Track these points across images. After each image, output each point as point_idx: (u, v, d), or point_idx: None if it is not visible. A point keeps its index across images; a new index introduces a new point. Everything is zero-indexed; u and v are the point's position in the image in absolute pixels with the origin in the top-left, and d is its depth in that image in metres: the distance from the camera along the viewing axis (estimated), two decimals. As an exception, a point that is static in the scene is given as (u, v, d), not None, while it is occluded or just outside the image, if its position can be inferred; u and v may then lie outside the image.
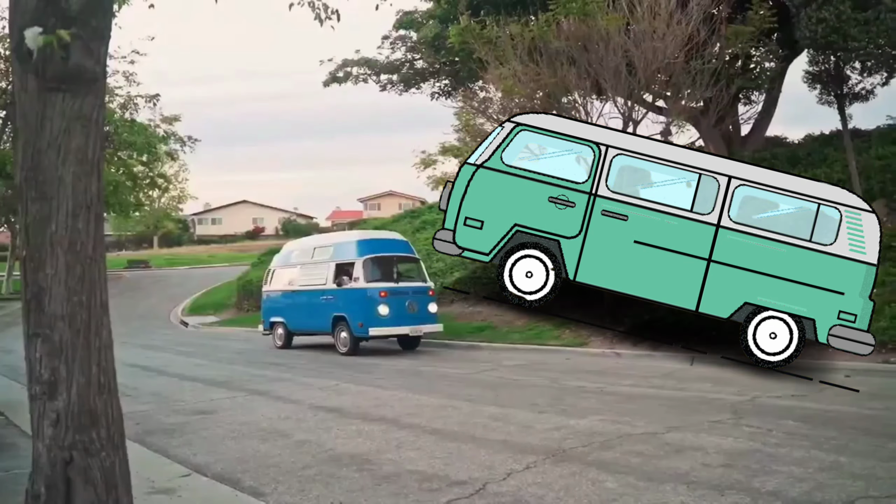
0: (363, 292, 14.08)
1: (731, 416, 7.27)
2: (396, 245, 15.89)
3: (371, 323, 13.89)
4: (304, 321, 16.06)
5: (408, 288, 14.69)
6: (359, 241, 15.20)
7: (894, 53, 13.76)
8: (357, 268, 14.33)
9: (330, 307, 14.80)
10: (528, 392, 9.50)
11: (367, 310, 13.94)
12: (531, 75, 13.34)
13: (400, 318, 14.13)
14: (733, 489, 4.82)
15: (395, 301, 14.08)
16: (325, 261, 15.43)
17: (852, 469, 5.20)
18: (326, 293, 14.97)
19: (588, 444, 6.26)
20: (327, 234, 19.33)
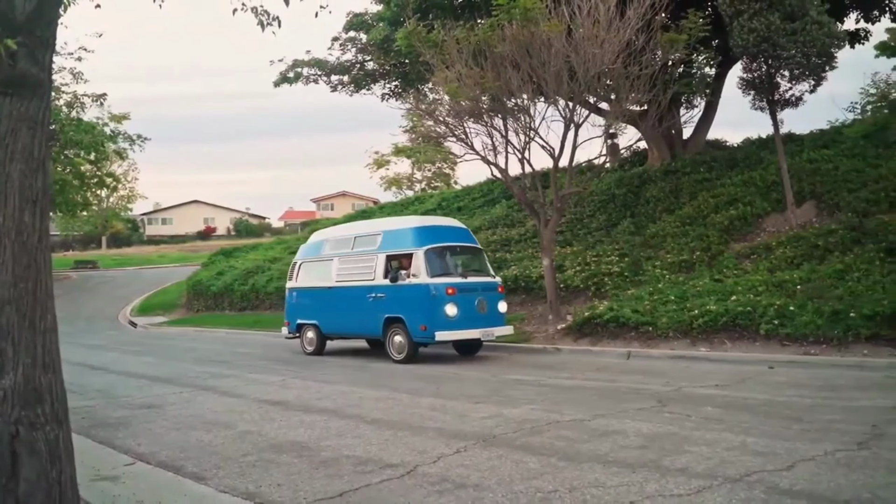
0: (426, 289, 12.10)
1: (655, 404, 7.70)
2: (457, 233, 13.72)
3: (437, 325, 11.89)
4: (343, 323, 13.83)
5: (477, 284, 12.67)
6: (417, 229, 13.03)
7: (820, 62, 14.40)
8: (417, 260, 12.33)
9: (380, 307, 12.76)
10: (467, 385, 9.85)
11: (431, 310, 11.97)
12: (475, 78, 13.67)
13: (469, 320, 12.16)
14: (645, 467, 5.21)
15: (463, 299, 12.15)
16: (372, 252, 13.30)
17: (755, 447, 5.62)
18: (375, 290, 12.91)
19: (518, 431, 6.62)
20: (371, 221, 16.41)
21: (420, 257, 12.29)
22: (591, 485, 4.83)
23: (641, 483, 4.81)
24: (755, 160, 19.41)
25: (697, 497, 4.49)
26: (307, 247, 15.73)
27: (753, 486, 4.64)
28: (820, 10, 14.59)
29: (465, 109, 14.86)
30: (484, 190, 27.10)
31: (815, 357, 10.50)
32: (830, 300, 11.60)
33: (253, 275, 26.55)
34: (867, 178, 15.72)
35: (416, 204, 30.32)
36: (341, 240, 14.64)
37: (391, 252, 13.01)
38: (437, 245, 12.67)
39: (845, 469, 4.97)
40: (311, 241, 15.78)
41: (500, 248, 20.05)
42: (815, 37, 14.10)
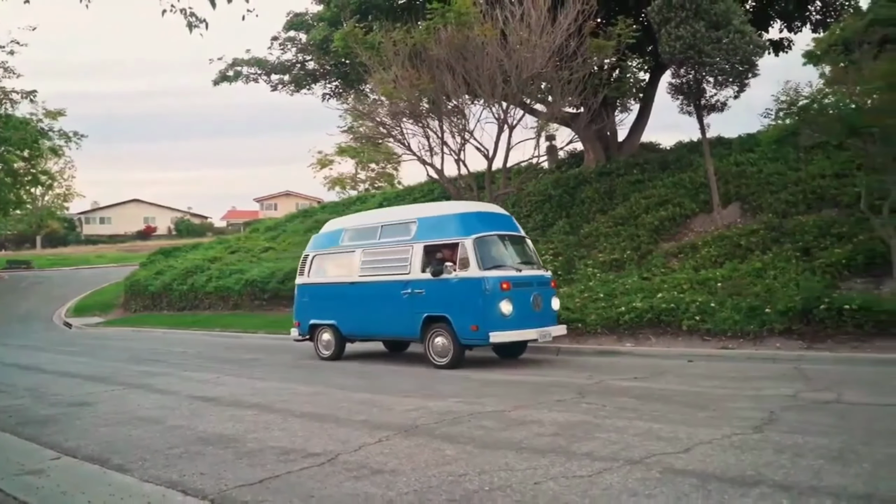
0: (478, 284, 10.63)
1: (575, 396, 8.04)
2: (503, 220, 12.26)
3: (491, 325, 10.50)
4: (369, 323, 12.28)
5: (531, 278, 11.32)
6: (462, 216, 11.56)
7: (742, 70, 15.00)
8: (465, 251, 10.85)
9: (418, 305, 11.26)
10: (399, 380, 10.10)
11: (484, 308, 10.57)
12: (411, 80, 13.92)
13: (525, 318, 10.78)
14: (554, 452, 5.51)
15: (518, 295, 10.78)
16: (405, 242, 11.74)
17: (660, 433, 5.97)
18: (411, 286, 11.36)
19: (439, 421, 6.87)
20: (401, 207, 14.28)
21: (469, 247, 10.82)
22: (501, 468, 5.10)
23: (548, 466, 5.11)
24: (686, 163, 20.05)
25: (597, 477, 4.79)
26: (321, 237, 13.89)
27: (651, 467, 4.97)
28: (743, 21, 15.22)
29: (402, 110, 15.10)
30: (425, 190, 27.34)
31: (732, 350, 11.02)
32: (748, 297, 12.18)
33: (192, 274, 26.32)
34: (788, 181, 16.40)
35: (358, 203, 30.41)
36: (365, 229, 12.87)
37: (430, 242, 11.42)
38: (486, 233, 11.23)
39: (737, 451, 5.34)
40: (326, 231, 13.89)
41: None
42: (738, 45, 14.69)
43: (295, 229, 29.46)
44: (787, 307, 11.33)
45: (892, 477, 4.58)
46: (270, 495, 4.78)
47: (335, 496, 4.69)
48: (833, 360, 9.98)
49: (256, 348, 15.86)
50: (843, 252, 12.77)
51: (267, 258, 25.94)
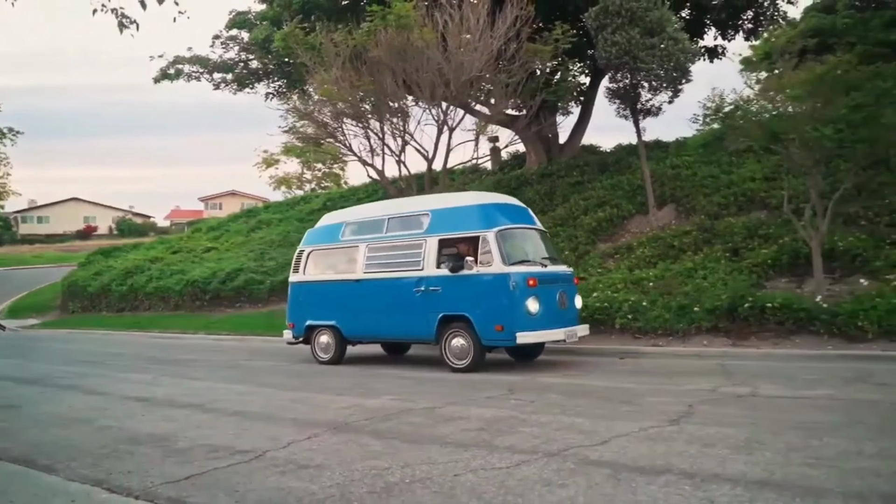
0: (502, 281, 9.88)
1: (504, 392, 8.25)
2: (522, 213, 11.50)
3: (517, 325, 9.74)
4: (375, 324, 11.38)
5: (557, 274, 10.68)
6: (482, 207, 10.81)
7: (676, 75, 15.44)
8: (488, 245, 10.08)
9: (433, 303, 10.46)
10: (335, 379, 10.18)
11: (509, 306, 9.82)
12: (351, 81, 14.00)
13: (551, 318, 10.10)
14: (477, 446, 5.68)
15: (545, 293, 10.07)
16: (417, 236, 10.94)
17: (582, 427, 6.20)
18: (426, 282, 10.56)
19: (370, 418, 7.01)
20: (410, 199, 13.10)
21: (492, 241, 10.06)
22: (424, 462, 5.25)
23: (469, 459, 5.28)
24: (624, 165, 20.53)
25: (515, 469, 4.98)
26: (318, 231, 12.89)
27: (567, 459, 5.18)
28: (676, 28, 15.68)
29: (344, 111, 15.18)
30: (369, 190, 27.40)
31: (661, 348, 11.38)
32: (679, 296, 12.56)
33: (132, 275, 25.88)
34: (720, 184, 16.92)
35: (302, 203, 30.33)
36: (369, 222, 11.98)
37: (446, 235, 10.66)
38: (509, 226, 10.53)
39: (651, 442, 5.58)
40: (324, 224, 12.90)
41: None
42: (672, 52, 15.14)
43: (238, 229, 29.22)
44: (714, 306, 11.75)
45: (788, 464, 4.85)
46: (196, 491, 4.86)
47: (259, 490, 4.79)
48: (755, 356, 10.40)
49: (195, 349, 15.76)
50: (769, 252, 13.27)
51: (209, 258, 25.68)
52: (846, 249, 12.60)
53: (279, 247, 24.35)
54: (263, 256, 23.33)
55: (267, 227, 27.97)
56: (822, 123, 10.66)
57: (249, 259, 23.32)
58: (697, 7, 20.51)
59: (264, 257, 23.15)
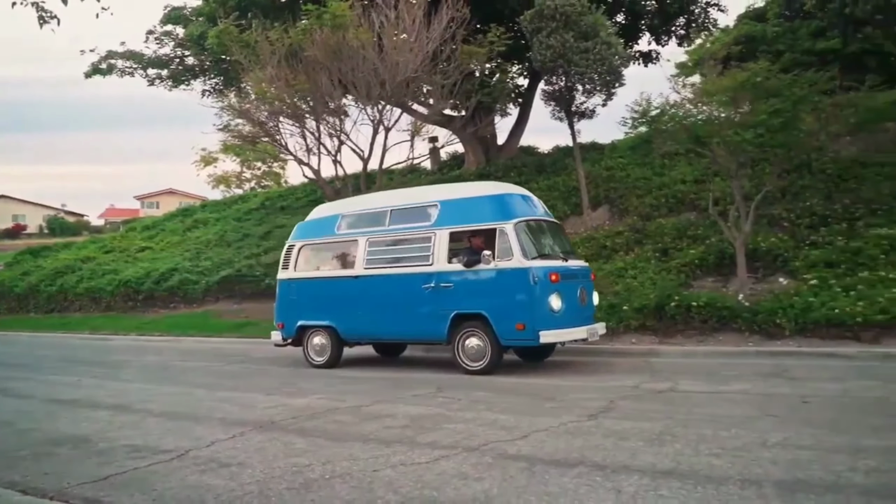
0: (523, 276, 9.24)
1: (433, 391, 8.35)
2: (535, 204, 10.83)
3: (540, 323, 9.15)
4: (378, 324, 10.58)
5: (576, 269, 10.12)
6: (497, 198, 10.09)
7: (610, 79, 15.76)
8: (506, 238, 9.41)
9: (445, 301, 9.78)
10: (266, 379, 10.18)
11: (531, 303, 9.20)
12: (286, 80, 13.94)
13: (573, 315, 9.58)
14: (400, 443, 5.76)
15: (566, 289, 9.51)
16: (425, 228, 10.21)
17: (505, 423, 6.32)
18: (436, 278, 9.84)
19: (297, 417, 7.03)
20: (413, 190, 12.32)
21: (511, 234, 9.41)
22: (345, 459, 5.31)
23: (390, 455, 5.35)
24: (561, 166, 20.81)
25: (434, 464, 5.07)
26: (310, 224, 12.00)
27: (485, 454, 5.29)
28: (610, 33, 16.00)
29: (279, 110, 15.10)
30: (307, 190, 27.20)
31: (591, 346, 11.58)
32: (609, 295, 12.83)
33: (62, 275, 25.23)
34: (652, 185, 17.32)
35: (240, 203, 29.97)
36: (368, 214, 11.15)
37: (458, 228, 10.01)
38: (527, 218, 9.93)
39: (569, 436, 5.74)
40: (317, 217, 12.04)
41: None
42: (605, 56, 15.45)
43: (174, 228, 28.73)
44: (643, 305, 12.04)
45: (696, 454, 5.04)
46: (113, 490, 4.83)
47: (177, 488, 4.78)
48: (679, 354, 10.71)
49: (126, 350, 15.48)
50: (697, 253, 13.65)
51: (143, 258, 25.20)
52: (769, 250, 13.03)
53: (216, 246, 24.06)
54: (199, 256, 23.03)
55: (204, 226, 27.58)
56: (743, 128, 11.04)
57: (185, 259, 22.98)
58: (632, 13, 20.97)
59: (200, 257, 22.86)
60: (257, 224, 25.29)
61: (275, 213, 26.00)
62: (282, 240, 21.65)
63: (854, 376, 8.31)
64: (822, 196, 14.43)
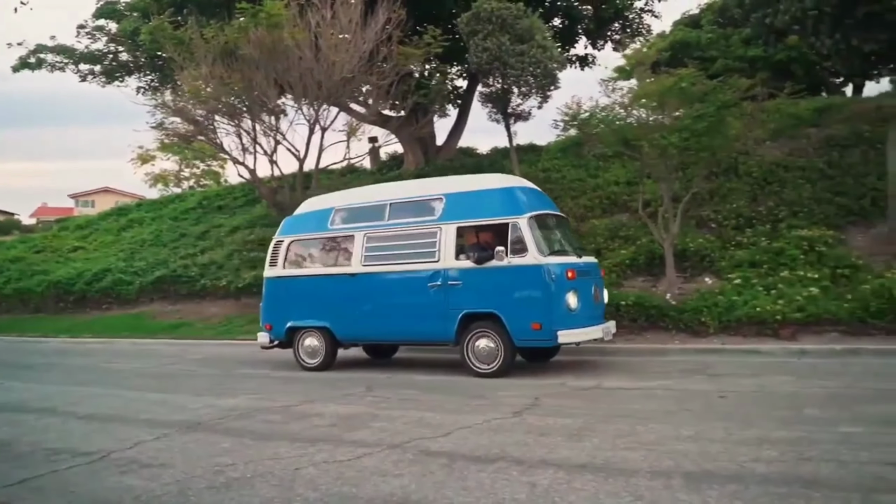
0: (540, 272, 8.78)
1: (363, 390, 8.42)
2: (545, 198, 10.46)
3: (558, 322, 8.72)
4: (378, 324, 9.92)
5: (589, 266, 9.77)
6: (509, 190, 9.57)
7: (545, 82, 15.99)
8: (520, 233, 8.92)
9: (453, 299, 9.23)
10: (197, 381, 10.07)
11: (549, 302, 8.76)
12: (221, 78, 13.82)
13: (589, 314, 9.25)
14: (325, 441, 5.82)
15: (582, 286, 9.15)
16: (430, 223, 9.64)
17: (430, 421, 6.43)
18: (443, 276, 9.30)
19: (225, 417, 7.02)
20: (415, 182, 11.87)
21: (524, 228, 8.92)
22: (269, 458, 5.34)
23: (314, 454, 5.40)
24: (498, 168, 20.94)
25: (356, 461, 5.14)
26: (299, 219, 11.26)
27: (407, 451, 5.38)
28: (545, 36, 16.22)
29: (214, 108, 14.95)
30: (246, 189, 26.89)
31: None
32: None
33: (-13, 276, 24.51)
34: (587, 187, 17.63)
35: (177, 202, 29.44)
36: (366, 208, 10.51)
37: (466, 222, 9.49)
38: (540, 212, 9.47)
39: (492, 433, 5.86)
40: (307, 211, 11.26)
41: (257, 247, 20.14)
42: (540, 59, 15.65)
43: (108, 228, 28.08)
44: (574, 304, 12.26)
45: (612, 448, 5.22)
46: (29, 493, 4.79)
47: (95, 490, 4.76)
48: (609, 352, 10.94)
49: (55, 353, 15.13)
50: (628, 253, 13.96)
51: (76, 258, 24.59)
52: (697, 250, 13.41)
53: (151, 246, 23.63)
54: (134, 256, 22.59)
55: (139, 225, 27.04)
56: (670, 132, 11.36)
57: (119, 259, 22.52)
58: (569, 17, 21.28)
59: (135, 257, 22.42)
60: (194, 224, 24.92)
61: (212, 213, 25.65)
62: (219, 240, 21.64)
63: (770, 372, 8.63)
64: (747, 198, 14.90)
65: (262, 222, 22.23)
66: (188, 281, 18.83)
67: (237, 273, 18.15)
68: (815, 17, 10.95)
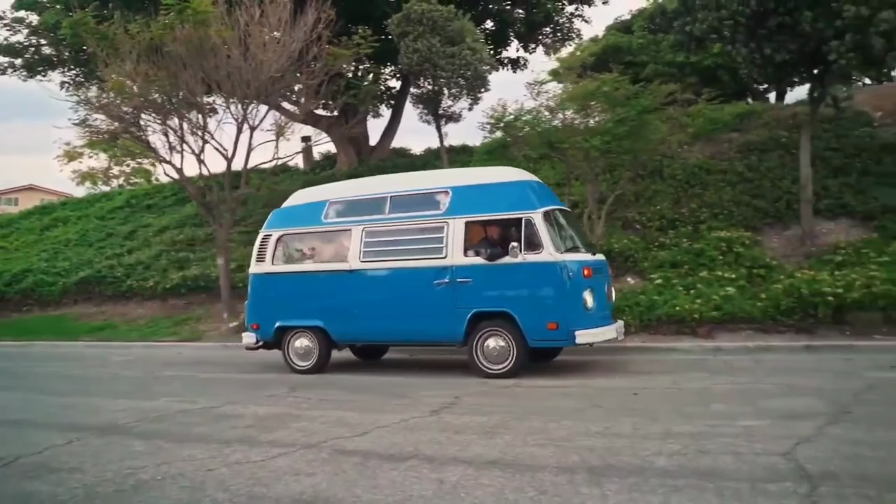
0: (557, 270, 8.46)
1: (286, 391, 8.42)
2: (552, 193, 10.21)
3: (575, 322, 8.43)
4: (378, 324, 9.42)
5: (600, 263, 9.53)
6: (522, 184, 9.27)
7: (475, 84, 16.17)
8: (535, 228, 8.55)
9: (462, 297, 8.80)
10: (118, 383, 9.94)
11: (565, 300, 8.45)
12: (146, 75, 13.58)
13: (602, 314, 9.03)
14: (241, 442, 5.81)
15: (597, 285, 8.93)
16: (435, 217, 9.19)
17: (349, 420, 6.47)
18: (451, 273, 8.86)
19: (142, 420, 6.94)
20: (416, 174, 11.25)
21: (540, 224, 8.55)
22: (182, 459, 5.31)
23: (228, 454, 5.40)
24: (431, 167, 21.10)
25: (270, 462, 5.16)
26: (289, 212, 10.62)
27: (323, 450, 5.42)
28: (476, 39, 16.42)
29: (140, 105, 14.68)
30: (175, 188, 26.38)
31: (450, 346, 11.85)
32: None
33: None
34: (517, 188, 17.83)
35: (104, 200, 28.71)
36: (363, 201, 9.92)
37: (476, 217, 9.04)
38: (554, 207, 9.17)
39: (408, 432, 5.95)
40: (298, 203, 10.66)
41: (186, 247, 19.86)
42: (470, 61, 15.83)
43: (31, 227, 27.17)
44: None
45: (523, 445, 5.35)
46: (-73, 502, 4.68)
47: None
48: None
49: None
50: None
51: (-6, 258, 23.78)
52: (621, 251, 13.72)
53: (76, 246, 22.98)
54: (57, 256, 21.96)
55: (63, 224, 26.26)
56: (592, 135, 11.64)
57: (41, 259, 21.85)
58: (501, 20, 21.55)
59: (58, 257, 21.79)
60: (122, 223, 24.35)
61: (141, 212, 25.11)
62: (146, 239, 21.23)
63: (685, 369, 8.93)
64: (671, 200, 15.32)
65: (192, 222, 21.92)
66: (114, 282, 18.42)
67: (164, 274, 17.86)
68: (730, 26, 11.33)
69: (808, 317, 10.66)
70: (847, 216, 13.71)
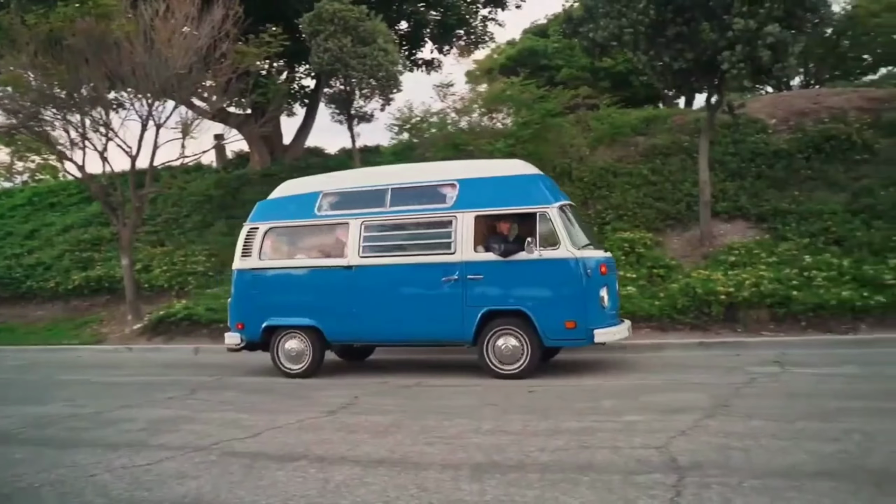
0: (574, 267, 8.14)
1: (186, 394, 8.30)
2: (558, 188, 9.79)
3: (593, 320, 8.19)
4: (379, 323, 8.88)
5: (612, 260, 9.39)
6: (535, 178, 8.94)
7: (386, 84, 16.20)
8: (550, 224, 8.23)
9: (472, 295, 8.41)
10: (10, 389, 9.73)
11: (583, 298, 8.15)
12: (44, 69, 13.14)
13: (615, 312, 8.95)
14: (129, 446, 5.72)
15: (611, 282, 8.82)
16: (442, 211, 8.75)
17: (244, 422, 6.44)
18: (460, 269, 8.44)
19: (27, 426, 6.77)
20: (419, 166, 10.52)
21: (556, 219, 8.24)
22: (64, 466, 5.20)
23: (113, 459, 5.31)
24: (346, 167, 21.02)
25: (156, 465, 5.11)
26: (277, 203, 9.91)
27: (212, 452, 5.39)
28: (388, 39, 16.44)
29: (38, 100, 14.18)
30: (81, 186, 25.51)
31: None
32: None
33: None
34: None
35: (4, 198, 27.58)
36: (361, 192, 9.34)
37: (486, 211, 8.63)
38: (565, 202, 8.88)
39: (301, 432, 5.97)
40: (287, 195, 9.92)
41: (91, 247, 19.23)
42: (381, 62, 15.85)
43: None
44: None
45: (413, 444, 5.44)
46: None
47: None
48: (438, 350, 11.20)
49: None
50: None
51: None
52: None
53: (-28, 246, 21.99)
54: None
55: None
56: (496, 138, 11.84)
57: (-71, 260, 20.79)
58: (415, 22, 21.61)
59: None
60: (22, 222, 23.39)
61: (44, 210, 24.15)
62: (49, 239, 20.47)
63: (582, 367, 9.18)
64: (579, 202, 15.62)
65: (97, 221, 21.20)
66: (11, 283, 17.71)
67: (66, 274, 17.27)
68: (631, 34, 11.70)
69: (703, 315, 11.11)
70: (742, 218, 14.30)
